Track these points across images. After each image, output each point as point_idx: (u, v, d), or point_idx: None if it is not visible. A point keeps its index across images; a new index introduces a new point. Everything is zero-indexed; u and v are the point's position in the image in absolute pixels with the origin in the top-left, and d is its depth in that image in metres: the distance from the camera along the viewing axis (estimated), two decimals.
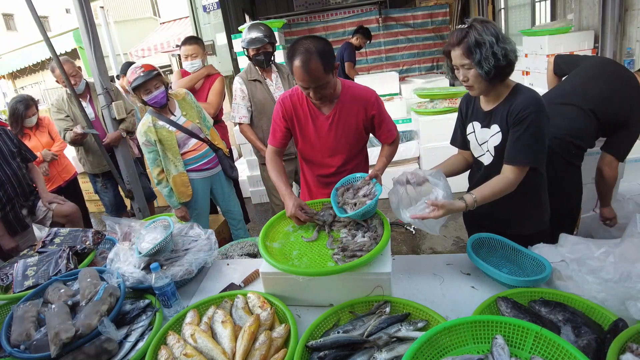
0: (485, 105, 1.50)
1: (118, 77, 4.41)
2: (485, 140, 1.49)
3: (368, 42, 5.40)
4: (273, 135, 1.81)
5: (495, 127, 1.45)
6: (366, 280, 1.25)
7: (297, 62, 1.49)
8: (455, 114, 1.72)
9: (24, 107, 3.07)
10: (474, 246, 1.44)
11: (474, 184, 1.64)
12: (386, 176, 1.62)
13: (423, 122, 3.88)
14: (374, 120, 1.74)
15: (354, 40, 5.28)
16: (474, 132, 1.54)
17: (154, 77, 2.26)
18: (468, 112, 1.58)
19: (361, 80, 4.85)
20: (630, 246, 1.12)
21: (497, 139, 1.44)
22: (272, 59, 2.70)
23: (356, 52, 5.42)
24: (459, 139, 1.68)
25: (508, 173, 1.38)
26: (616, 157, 1.85)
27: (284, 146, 1.83)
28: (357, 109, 1.71)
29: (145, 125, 2.33)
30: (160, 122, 2.35)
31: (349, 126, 1.73)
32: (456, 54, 1.35)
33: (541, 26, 4.14)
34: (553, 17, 4.49)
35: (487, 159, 1.51)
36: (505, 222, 1.57)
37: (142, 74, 2.23)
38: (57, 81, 3.00)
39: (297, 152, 2.72)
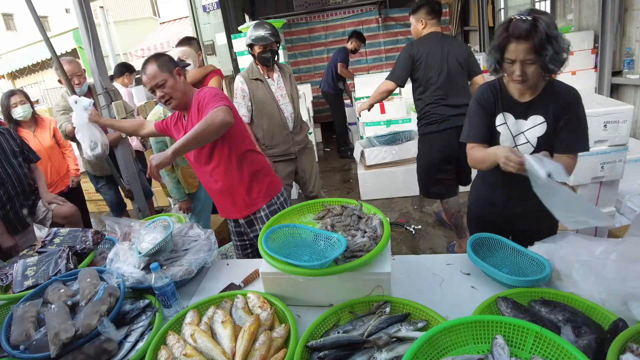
0: (521, 96, 1.48)
1: (112, 77, 4.38)
2: (521, 131, 1.48)
3: (363, 45, 5.52)
4: None
5: (537, 118, 1.44)
6: (366, 280, 1.25)
7: (142, 70, 1.73)
8: None
9: (6, 97, 3.00)
10: (473, 246, 1.44)
11: (503, 177, 1.55)
12: (380, 176, 1.59)
13: None
14: (200, 111, 1.74)
15: (349, 45, 5.38)
16: (506, 123, 1.50)
17: None
18: (496, 103, 1.52)
19: (361, 80, 4.86)
20: (633, 246, 1.12)
21: (541, 129, 1.44)
22: (277, 58, 2.71)
23: (356, 52, 5.49)
24: (481, 133, 1.54)
25: (569, 159, 1.42)
26: None
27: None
28: (196, 106, 1.76)
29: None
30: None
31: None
32: (521, 48, 1.28)
33: None
34: (553, 17, 4.49)
35: (525, 150, 1.48)
36: (524, 216, 1.58)
37: None
38: (59, 81, 2.99)
39: (295, 152, 2.73)
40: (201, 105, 1.72)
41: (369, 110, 3.01)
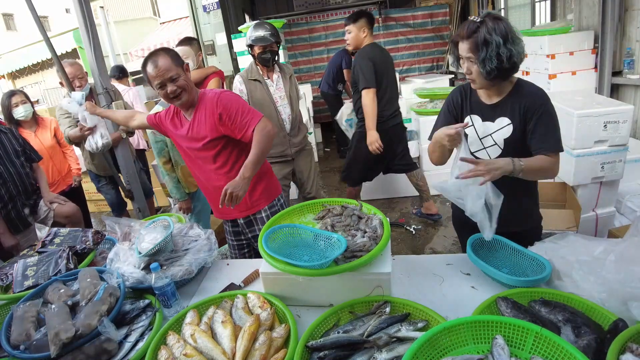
0: (487, 99, 1.49)
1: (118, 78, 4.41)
2: (488, 133, 1.49)
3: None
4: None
5: (504, 120, 1.45)
6: (366, 280, 1.25)
7: (147, 63, 1.66)
8: None
9: (7, 97, 3.02)
10: (473, 246, 1.44)
11: None
12: (381, 176, 1.59)
13: (423, 122, 3.89)
14: (224, 119, 1.71)
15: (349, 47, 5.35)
16: (473, 125, 1.52)
17: None
18: (463, 105, 1.56)
19: None
20: (633, 246, 1.12)
21: (507, 131, 1.45)
22: (277, 58, 2.70)
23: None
24: None
25: (548, 158, 1.39)
26: None
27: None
28: (211, 110, 1.73)
29: None
30: None
31: (205, 128, 1.74)
32: (463, 47, 1.36)
33: (541, 26, 4.14)
34: (553, 17, 4.49)
35: (492, 152, 1.50)
36: (509, 221, 1.54)
37: None
38: (60, 83, 2.99)
39: (291, 154, 2.73)
40: (229, 114, 1.68)
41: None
